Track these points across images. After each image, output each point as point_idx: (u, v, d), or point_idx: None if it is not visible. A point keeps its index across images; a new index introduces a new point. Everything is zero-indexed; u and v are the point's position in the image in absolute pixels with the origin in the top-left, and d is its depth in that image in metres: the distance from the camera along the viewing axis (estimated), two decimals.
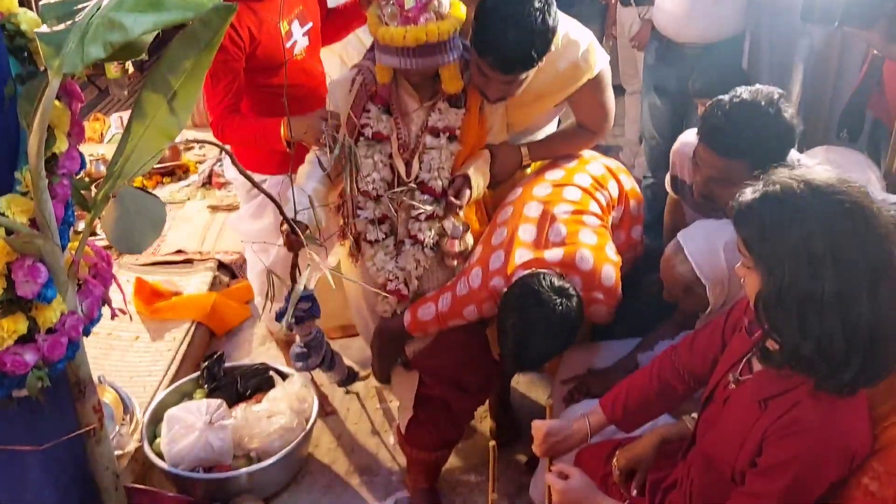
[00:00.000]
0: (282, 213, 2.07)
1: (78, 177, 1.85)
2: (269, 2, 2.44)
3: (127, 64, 5.66)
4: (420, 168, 2.29)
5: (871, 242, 1.34)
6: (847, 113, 2.92)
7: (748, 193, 1.44)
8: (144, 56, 1.87)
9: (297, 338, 2.49)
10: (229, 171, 2.83)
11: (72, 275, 1.83)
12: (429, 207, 2.27)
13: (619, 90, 4.49)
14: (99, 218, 1.82)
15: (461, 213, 2.30)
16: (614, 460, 1.89)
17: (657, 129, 3.54)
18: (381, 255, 2.35)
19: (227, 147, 2.39)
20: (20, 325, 1.69)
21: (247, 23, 2.38)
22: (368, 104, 2.27)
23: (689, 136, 2.27)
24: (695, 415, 1.79)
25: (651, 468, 1.84)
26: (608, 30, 4.28)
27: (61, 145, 1.76)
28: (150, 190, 4.30)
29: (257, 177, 2.58)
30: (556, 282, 2.08)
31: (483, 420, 2.97)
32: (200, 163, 4.63)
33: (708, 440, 1.67)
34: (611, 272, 2.21)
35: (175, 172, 4.52)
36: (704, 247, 2.03)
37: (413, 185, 2.29)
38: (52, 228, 1.73)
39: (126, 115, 5.12)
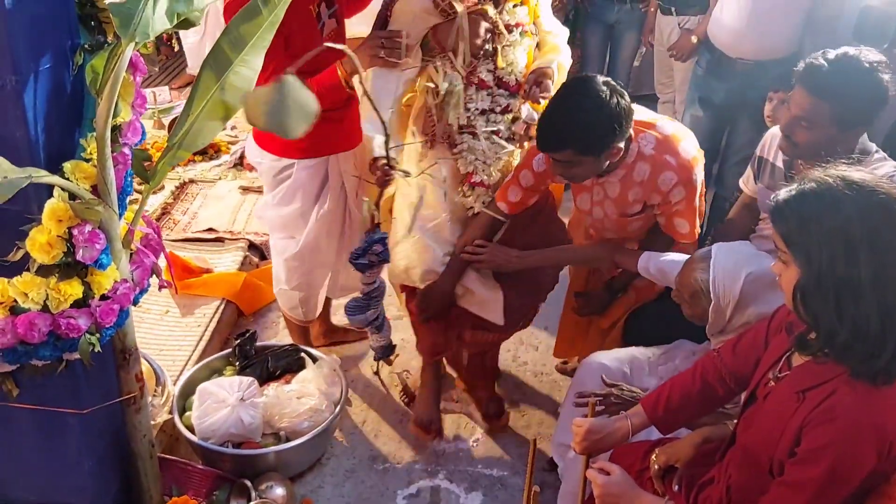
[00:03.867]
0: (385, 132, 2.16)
1: (138, 147, 1.88)
2: None
3: (171, 40, 5.70)
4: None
5: None
6: (891, 136, 2.92)
7: (783, 192, 1.50)
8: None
9: (361, 286, 2.64)
10: (253, 155, 2.76)
11: (126, 244, 1.85)
12: (504, 101, 2.54)
13: (652, 98, 4.51)
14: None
15: (542, 103, 2.46)
16: (653, 456, 1.90)
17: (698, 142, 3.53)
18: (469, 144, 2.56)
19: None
20: (76, 289, 1.72)
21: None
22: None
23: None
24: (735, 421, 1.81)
25: (690, 465, 1.85)
26: (645, 37, 4.26)
27: (126, 115, 1.79)
28: (182, 168, 4.36)
29: (284, 161, 2.65)
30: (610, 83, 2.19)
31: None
32: (233, 143, 4.65)
33: (747, 435, 1.68)
34: (690, 147, 2.31)
35: (207, 152, 4.54)
36: (731, 266, 2.04)
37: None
38: (113, 197, 1.75)
39: (158, 90, 5.16)
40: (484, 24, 2.45)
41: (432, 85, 2.47)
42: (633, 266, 2.41)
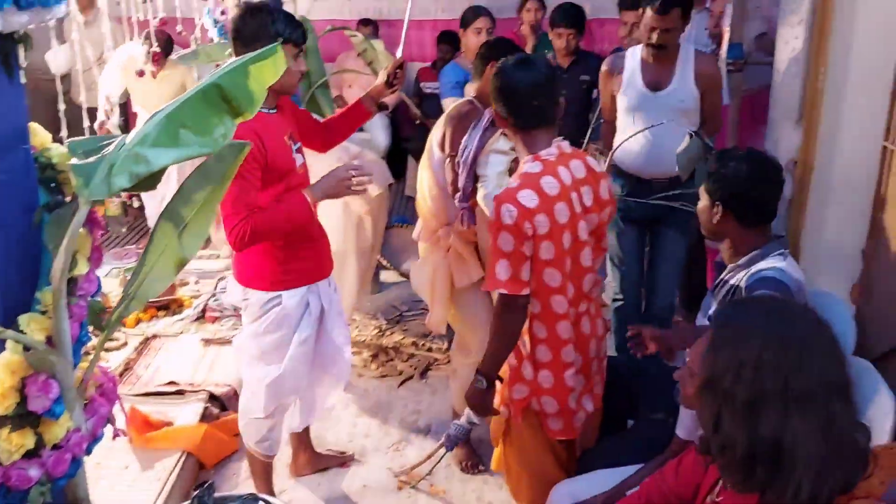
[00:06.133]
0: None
1: (94, 299, 1.96)
2: (273, 116, 2.70)
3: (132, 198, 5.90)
4: None
5: (799, 376, 1.43)
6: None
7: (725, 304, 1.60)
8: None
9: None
10: (237, 297, 2.89)
11: (80, 392, 1.90)
12: None
13: None
14: (110, 339, 1.91)
15: None
16: None
17: (625, 253, 3.71)
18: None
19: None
20: (28, 439, 1.75)
21: (260, 134, 2.57)
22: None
23: None
24: None
25: None
26: None
27: (82, 268, 1.88)
28: (145, 323, 4.42)
29: (272, 293, 2.78)
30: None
31: None
32: (195, 298, 4.74)
33: None
34: (526, 196, 2.24)
35: (170, 307, 4.62)
36: None
37: None
38: (67, 347, 1.81)
39: (125, 250, 5.30)
40: None
41: None
42: None
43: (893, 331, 2.68)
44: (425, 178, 3.30)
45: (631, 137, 3.41)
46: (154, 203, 5.47)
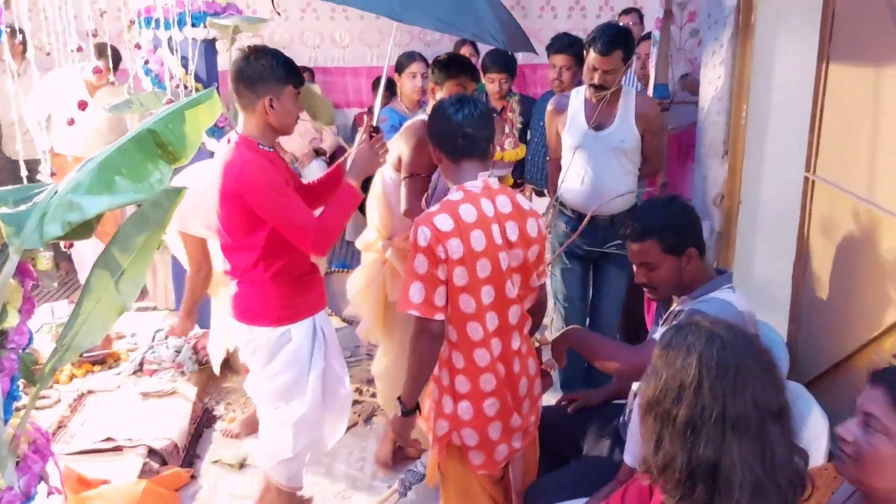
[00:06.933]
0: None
1: (25, 351, 1.90)
2: (273, 154, 2.77)
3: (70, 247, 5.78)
4: None
5: (737, 400, 1.49)
6: None
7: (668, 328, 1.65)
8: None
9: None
10: (242, 337, 2.90)
11: (12, 450, 1.83)
12: None
13: None
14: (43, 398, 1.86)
15: None
16: None
17: (570, 291, 3.76)
18: None
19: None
20: None
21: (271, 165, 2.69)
22: None
23: None
24: None
25: None
26: None
27: (12, 320, 1.82)
28: (80, 378, 4.29)
29: (281, 329, 2.81)
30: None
31: None
32: (132, 351, 4.62)
33: None
34: (441, 220, 2.32)
35: (106, 361, 4.49)
36: None
37: None
38: None
39: (56, 305, 5.15)
40: None
41: None
42: None
43: (824, 355, 2.77)
44: (377, 190, 3.41)
45: (571, 175, 3.50)
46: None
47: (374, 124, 2.93)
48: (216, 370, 4.17)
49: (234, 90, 2.70)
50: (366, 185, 3.17)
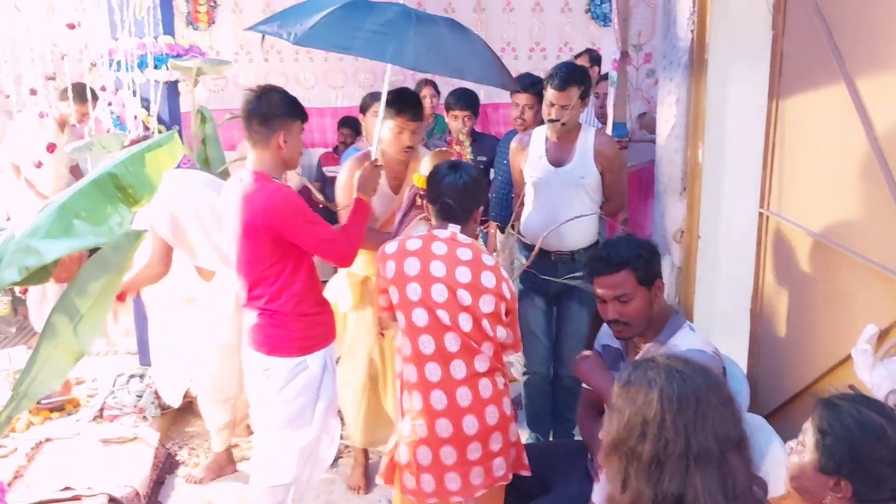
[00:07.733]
0: None
1: None
2: (283, 185, 2.90)
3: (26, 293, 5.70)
4: None
5: (698, 433, 1.52)
6: None
7: (629, 365, 1.67)
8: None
9: None
10: (261, 367, 2.97)
11: None
12: None
13: None
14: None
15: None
16: None
17: (534, 325, 3.78)
18: None
19: None
20: None
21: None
22: None
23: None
24: None
25: None
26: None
27: None
28: (38, 426, 4.19)
29: (296, 360, 2.92)
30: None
31: None
32: (91, 396, 4.53)
33: None
34: (388, 245, 2.70)
35: (64, 408, 4.39)
36: None
37: None
38: None
39: (13, 351, 5.03)
40: None
41: None
42: None
43: (783, 387, 2.81)
44: None
45: (530, 209, 3.55)
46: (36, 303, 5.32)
47: (374, 158, 3.17)
48: (176, 404, 4.10)
49: (246, 128, 2.83)
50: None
